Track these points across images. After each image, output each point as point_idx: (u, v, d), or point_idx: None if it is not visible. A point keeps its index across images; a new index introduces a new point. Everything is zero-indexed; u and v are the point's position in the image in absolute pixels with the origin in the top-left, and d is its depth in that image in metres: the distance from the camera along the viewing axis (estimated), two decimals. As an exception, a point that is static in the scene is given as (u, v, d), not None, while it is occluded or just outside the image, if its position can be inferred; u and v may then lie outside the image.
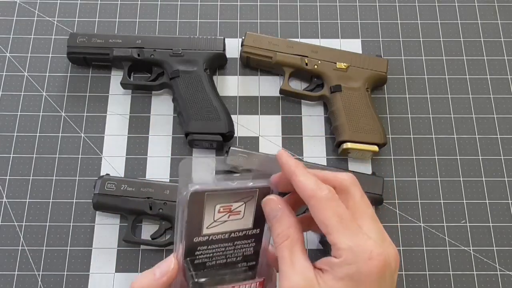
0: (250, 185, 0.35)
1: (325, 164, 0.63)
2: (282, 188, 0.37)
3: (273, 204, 0.36)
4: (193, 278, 0.35)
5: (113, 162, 0.63)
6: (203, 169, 0.35)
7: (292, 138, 0.65)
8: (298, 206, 0.39)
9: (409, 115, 0.67)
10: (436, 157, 0.65)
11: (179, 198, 0.33)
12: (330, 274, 0.33)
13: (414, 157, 0.65)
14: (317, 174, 0.36)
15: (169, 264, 0.35)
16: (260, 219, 0.36)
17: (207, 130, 0.60)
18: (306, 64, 0.65)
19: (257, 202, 0.35)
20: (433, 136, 0.66)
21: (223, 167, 0.36)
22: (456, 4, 0.73)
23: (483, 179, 0.64)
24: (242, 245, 0.36)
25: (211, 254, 0.36)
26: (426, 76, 0.69)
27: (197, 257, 0.35)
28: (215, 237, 0.35)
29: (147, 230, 0.60)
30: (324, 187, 0.35)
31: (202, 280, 0.36)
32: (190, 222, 0.34)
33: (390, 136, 0.66)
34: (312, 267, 0.34)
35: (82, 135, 0.65)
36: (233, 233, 0.36)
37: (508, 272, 0.59)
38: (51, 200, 0.61)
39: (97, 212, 0.60)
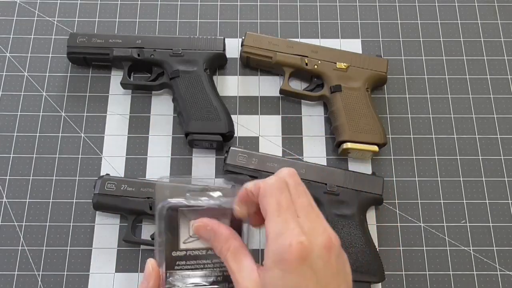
0: (220, 203, 0.37)
1: (325, 164, 0.63)
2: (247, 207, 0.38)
3: (202, 228, 0.37)
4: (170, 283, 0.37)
5: (113, 162, 0.63)
6: (178, 188, 0.38)
7: (292, 138, 0.65)
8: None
9: (409, 115, 0.67)
10: (436, 157, 0.65)
11: (156, 214, 0.36)
12: (265, 266, 0.34)
13: (414, 157, 0.65)
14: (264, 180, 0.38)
15: (148, 268, 0.37)
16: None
17: (207, 130, 0.60)
18: (306, 64, 0.65)
19: (230, 219, 0.37)
20: (433, 136, 0.66)
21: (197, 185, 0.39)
22: (456, 4, 0.73)
23: (483, 179, 0.64)
24: (221, 263, 0.37)
25: (190, 270, 0.37)
26: (426, 76, 0.69)
27: (177, 272, 0.37)
28: (192, 252, 0.37)
29: (147, 230, 0.60)
30: (271, 179, 0.36)
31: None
32: (168, 236, 0.36)
33: (390, 136, 0.66)
34: (255, 267, 0.35)
35: (82, 135, 0.65)
36: (210, 250, 0.37)
37: (508, 272, 0.59)
38: (51, 200, 0.61)
39: (97, 212, 0.60)
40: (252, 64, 0.68)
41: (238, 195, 0.38)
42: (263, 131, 0.65)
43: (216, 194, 0.38)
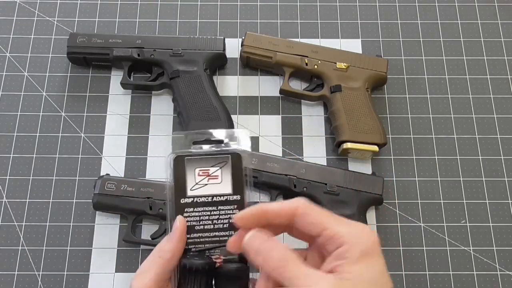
0: (221, 150, 0.41)
1: (325, 164, 0.63)
2: (252, 225, 0.37)
3: (252, 253, 0.36)
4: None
5: (113, 162, 0.63)
6: (183, 141, 0.42)
7: (292, 138, 0.65)
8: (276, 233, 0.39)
9: (409, 115, 0.67)
10: (436, 157, 0.65)
11: (165, 164, 0.40)
12: (346, 263, 0.34)
13: (414, 157, 0.65)
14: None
15: (176, 223, 0.39)
16: (238, 186, 0.40)
17: (207, 130, 0.60)
18: (306, 64, 0.65)
19: (231, 168, 0.40)
20: (433, 136, 0.66)
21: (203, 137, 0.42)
22: (456, 4, 0.73)
23: (483, 179, 0.64)
24: (226, 210, 0.40)
25: (198, 218, 0.40)
26: (426, 76, 0.69)
27: (186, 219, 0.40)
28: (199, 199, 0.40)
29: (147, 230, 0.60)
30: (298, 199, 0.37)
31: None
32: (176, 183, 0.40)
33: (390, 136, 0.65)
34: (319, 271, 0.34)
35: (82, 135, 0.65)
36: (215, 197, 0.40)
37: (508, 272, 0.59)
38: (51, 200, 0.61)
39: (97, 212, 0.60)
40: (252, 64, 0.68)
41: (247, 214, 0.37)
42: (263, 131, 0.65)
43: (219, 145, 0.42)
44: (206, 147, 0.42)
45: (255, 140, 0.65)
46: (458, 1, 0.74)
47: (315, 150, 0.65)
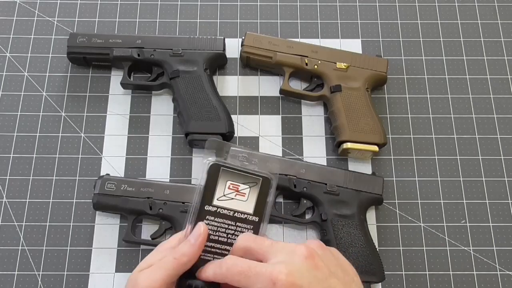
0: (256, 171, 0.42)
1: (325, 164, 0.63)
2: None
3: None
4: None
5: (113, 162, 0.63)
6: (222, 151, 0.45)
7: (292, 138, 0.65)
8: None
9: (409, 115, 0.67)
10: (436, 157, 0.65)
11: (201, 167, 0.41)
12: None
13: (414, 157, 0.65)
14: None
15: (199, 229, 0.39)
16: (260, 209, 0.42)
17: (207, 130, 0.60)
18: (306, 64, 0.65)
19: (259, 190, 0.42)
20: (433, 136, 0.66)
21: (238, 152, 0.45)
22: (456, 4, 0.73)
23: (483, 179, 0.64)
24: (242, 229, 0.41)
25: (216, 228, 0.41)
26: (426, 76, 0.69)
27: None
28: (222, 211, 0.41)
29: (147, 230, 0.60)
30: (225, 262, 0.38)
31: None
32: (206, 189, 0.41)
33: (390, 136, 0.65)
34: None
35: (82, 135, 0.65)
36: (236, 213, 0.41)
37: (508, 272, 0.59)
38: (51, 200, 0.61)
39: (97, 212, 0.60)
40: (252, 64, 0.68)
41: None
42: (263, 131, 0.65)
43: (253, 166, 0.43)
44: (243, 164, 0.43)
45: (255, 140, 0.65)
46: (458, 1, 0.74)
47: (315, 150, 0.65)
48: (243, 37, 0.66)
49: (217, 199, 0.41)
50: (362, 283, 0.39)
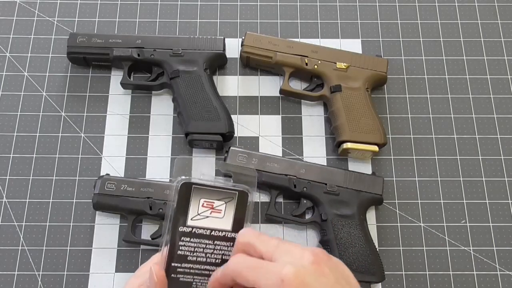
0: (231, 186, 0.40)
1: (325, 164, 0.63)
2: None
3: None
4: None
5: (113, 162, 0.63)
6: (194, 167, 0.43)
7: (292, 138, 0.65)
8: None
9: (409, 115, 0.67)
10: (436, 157, 0.65)
11: (171, 188, 0.39)
12: None
13: (414, 157, 0.65)
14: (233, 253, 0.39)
15: (153, 277, 0.38)
16: (238, 224, 0.40)
17: (207, 130, 0.60)
18: (306, 64, 0.65)
19: (236, 205, 0.40)
20: (433, 136, 0.66)
21: (209, 169, 0.42)
22: (456, 4, 0.73)
23: (483, 179, 0.64)
24: (222, 247, 0.40)
25: (193, 248, 0.39)
26: (426, 76, 0.69)
27: (180, 247, 0.39)
28: (197, 230, 0.39)
29: (147, 230, 0.60)
30: (231, 260, 0.37)
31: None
32: (178, 209, 0.39)
33: (390, 136, 0.65)
34: None
35: (82, 135, 0.65)
36: (213, 231, 0.39)
37: (508, 272, 0.59)
38: (51, 200, 0.61)
39: (97, 212, 0.60)
40: (252, 64, 0.68)
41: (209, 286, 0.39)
42: (263, 131, 0.65)
43: (228, 180, 0.41)
44: (216, 179, 0.41)
45: (255, 140, 0.65)
46: (458, 1, 0.74)
47: (315, 150, 0.65)
48: (243, 37, 0.66)
49: (191, 219, 0.39)
50: (363, 283, 0.39)
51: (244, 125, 0.66)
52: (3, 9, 0.71)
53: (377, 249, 0.58)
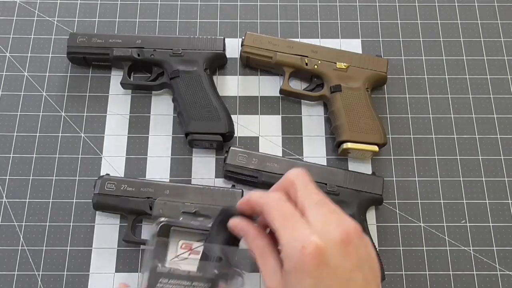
0: (208, 227, 0.40)
1: (325, 164, 0.63)
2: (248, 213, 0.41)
3: (234, 227, 0.40)
4: None
5: (113, 162, 0.63)
6: (174, 208, 0.45)
7: (292, 138, 0.65)
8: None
9: (409, 115, 0.67)
10: (436, 157, 0.65)
11: (150, 232, 0.40)
12: (284, 270, 0.35)
13: (414, 157, 0.65)
14: (271, 189, 0.40)
15: None
16: None
17: (207, 130, 0.60)
18: (306, 64, 0.65)
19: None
20: (433, 136, 0.66)
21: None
22: (456, 4, 0.73)
23: (483, 179, 0.64)
24: (199, 287, 0.40)
25: None
26: (426, 76, 0.69)
27: None
28: (176, 271, 0.39)
29: (147, 230, 0.60)
30: (270, 194, 0.38)
31: None
32: (156, 251, 0.39)
33: (390, 136, 0.66)
34: (279, 268, 0.36)
35: (82, 135, 0.65)
36: (192, 272, 0.40)
37: (508, 272, 0.59)
38: (51, 200, 0.61)
39: (97, 212, 0.60)
40: (252, 64, 0.68)
41: (238, 206, 0.40)
42: (263, 131, 0.65)
43: (207, 220, 0.42)
44: (194, 220, 0.42)
45: (255, 140, 0.65)
46: (458, 1, 0.74)
47: (315, 150, 0.65)
48: (243, 37, 0.66)
49: (170, 260, 0.40)
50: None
51: (244, 125, 0.66)
52: (3, 9, 0.71)
53: (377, 249, 0.58)
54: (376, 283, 0.36)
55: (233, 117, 0.65)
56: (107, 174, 0.59)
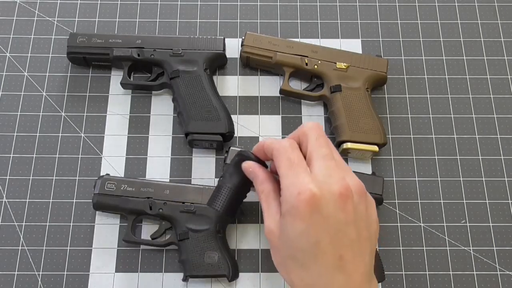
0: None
1: (325, 164, 0.63)
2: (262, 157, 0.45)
3: (246, 169, 0.44)
4: None
5: (113, 162, 0.63)
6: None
7: (292, 138, 0.65)
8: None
9: (409, 115, 0.67)
10: (436, 157, 0.65)
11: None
12: (281, 213, 0.37)
13: (414, 157, 0.65)
14: (289, 136, 0.43)
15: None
16: None
17: (207, 130, 0.60)
18: (306, 64, 0.65)
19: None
20: (433, 136, 0.66)
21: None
22: (456, 4, 0.73)
23: (483, 179, 0.64)
24: None
25: None
26: (426, 76, 0.69)
27: None
28: None
29: (147, 230, 0.60)
30: (283, 141, 0.41)
31: None
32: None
33: (390, 136, 0.66)
34: (279, 211, 0.38)
35: (82, 135, 0.65)
36: None
37: (508, 272, 0.59)
38: (51, 200, 0.61)
39: (97, 212, 0.60)
40: (252, 64, 0.68)
41: (254, 150, 0.44)
42: (263, 131, 0.65)
43: None
44: None
45: (255, 140, 0.65)
46: (458, 1, 0.74)
47: (315, 150, 0.64)
48: (243, 37, 0.66)
49: None
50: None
51: (244, 125, 0.66)
52: (3, 9, 0.71)
53: (377, 249, 0.58)
54: (371, 242, 0.38)
55: (233, 117, 0.65)
56: (107, 174, 0.59)
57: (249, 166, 0.44)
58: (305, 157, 0.39)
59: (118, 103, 0.66)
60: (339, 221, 0.35)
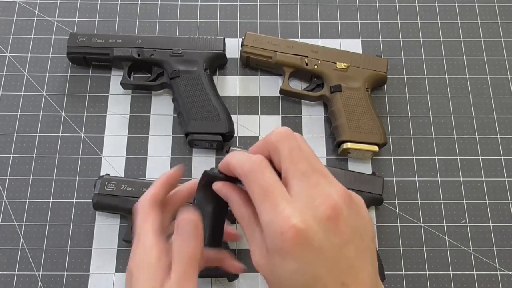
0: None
1: (325, 164, 0.63)
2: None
3: (219, 190, 0.37)
4: None
5: (113, 162, 0.63)
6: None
7: (292, 138, 0.65)
8: None
9: (409, 115, 0.67)
10: (436, 157, 0.65)
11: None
12: (267, 251, 0.32)
13: (414, 157, 0.65)
14: (252, 148, 0.36)
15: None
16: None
17: (207, 130, 0.60)
18: (306, 64, 0.65)
19: None
20: (433, 136, 0.66)
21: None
22: (456, 4, 0.73)
23: (483, 179, 0.64)
24: None
25: None
26: (426, 76, 0.69)
27: None
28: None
29: (147, 230, 0.60)
30: (251, 158, 0.33)
31: None
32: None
33: (390, 136, 0.66)
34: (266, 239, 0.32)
35: (82, 135, 0.65)
36: None
37: (508, 272, 0.59)
38: (51, 200, 0.61)
39: (97, 212, 0.60)
40: (252, 64, 0.68)
41: (219, 168, 0.36)
42: (263, 131, 0.65)
43: None
44: None
45: (255, 140, 0.65)
46: (458, 1, 0.74)
47: (315, 150, 0.63)
48: (243, 37, 0.66)
49: None
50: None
51: (244, 125, 0.66)
52: (3, 9, 0.71)
53: (377, 249, 0.58)
54: (370, 249, 0.33)
55: (233, 117, 0.65)
56: (107, 174, 0.59)
57: (219, 188, 0.37)
58: (280, 174, 0.33)
59: (118, 103, 0.66)
60: (334, 247, 0.31)
